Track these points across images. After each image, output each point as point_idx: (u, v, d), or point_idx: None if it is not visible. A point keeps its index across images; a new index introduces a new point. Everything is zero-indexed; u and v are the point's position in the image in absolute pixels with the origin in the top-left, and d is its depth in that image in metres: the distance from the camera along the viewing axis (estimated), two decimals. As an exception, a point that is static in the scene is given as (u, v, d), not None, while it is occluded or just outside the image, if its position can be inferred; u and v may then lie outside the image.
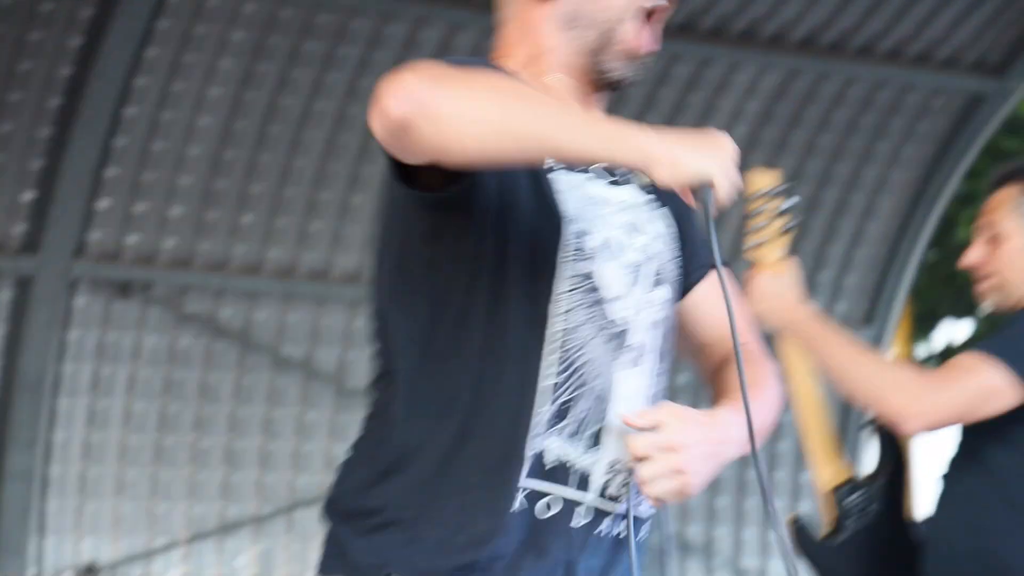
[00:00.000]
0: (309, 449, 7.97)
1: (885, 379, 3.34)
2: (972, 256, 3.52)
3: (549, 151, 2.04)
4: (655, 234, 2.25)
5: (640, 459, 2.08)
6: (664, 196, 2.32)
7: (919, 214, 8.64)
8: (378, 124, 2.03)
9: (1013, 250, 3.46)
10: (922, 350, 12.73)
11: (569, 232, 2.16)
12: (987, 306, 3.56)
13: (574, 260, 2.17)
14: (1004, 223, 3.49)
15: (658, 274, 2.24)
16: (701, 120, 8.18)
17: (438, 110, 1.99)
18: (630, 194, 2.26)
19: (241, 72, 7.37)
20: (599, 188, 2.23)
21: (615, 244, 2.19)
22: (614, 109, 7.80)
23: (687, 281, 2.33)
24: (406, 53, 7.59)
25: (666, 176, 2.03)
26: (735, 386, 2.18)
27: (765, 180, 3.22)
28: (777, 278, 3.43)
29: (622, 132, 2.04)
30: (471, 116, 2.00)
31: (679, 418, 2.09)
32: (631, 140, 2.03)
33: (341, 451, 2.30)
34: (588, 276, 2.17)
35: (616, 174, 2.26)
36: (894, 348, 11.83)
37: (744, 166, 8.02)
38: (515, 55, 2.28)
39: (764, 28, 8.03)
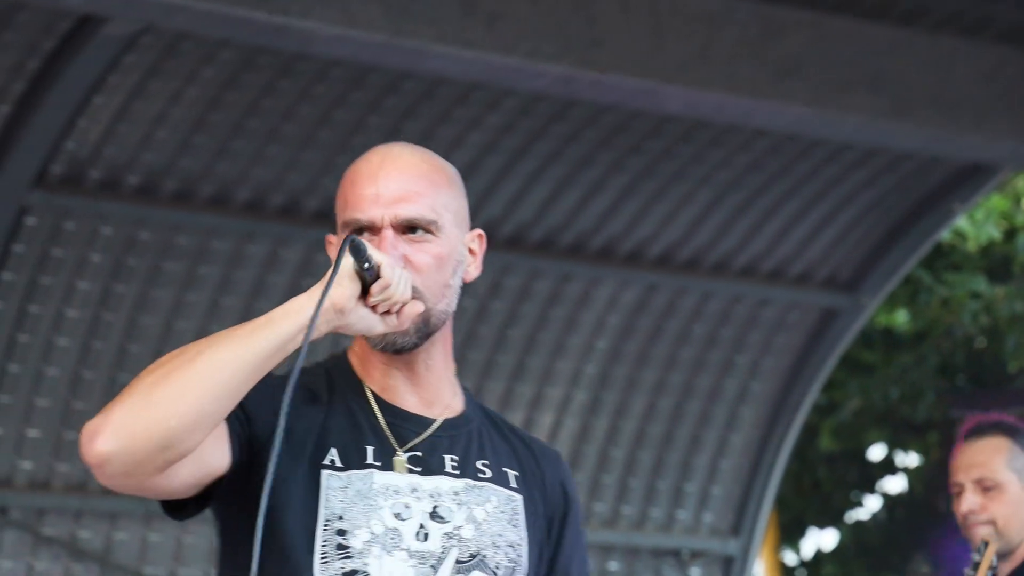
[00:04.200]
0: (169, 675, 7.80)
1: None
2: (967, 504, 3.78)
3: (228, 374, 2.15)
4: (466, 520, 2.27)
5: None
6: (528, 489, 2.34)
7: (780, 425, 8.75)
8: (100, 476, 2.15)
9: (1011, 499, 3.74)
10: (791, 558, 12.83)
11: (326, 532, 2.21)
12: (990, 550, 3.78)
13: (335, 559, 2.21)
14: (999, 473, 3.78)
15: (468, 559, 2.26)
16: (562, 334, 8.29)
17: (120, 423, 2.12)
18: (440, 483, 2.28)
19: (99, 293, 7.36)
20: (391, 478, 2.26)
21: (392, 536, 2.23)
22: (477, 328, 7.82)
23: None
24: (266, 271, 7.64)
25: (328, 313, 2.19)
26: None
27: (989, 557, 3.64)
28: None
29: (282, 307, 2.23)
30: (144, 404, 2.12)
31: None
32: (286, 307, 2.22)
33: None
34: (353, 573, 2.21)
35: (430, 464, 2.30)
36: (762, 557, 11.84)
37: (607, 376, 7.97)
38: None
39: (621, 245, 8.20)
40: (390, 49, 6.40)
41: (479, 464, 2.31)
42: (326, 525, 2.21)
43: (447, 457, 2.30)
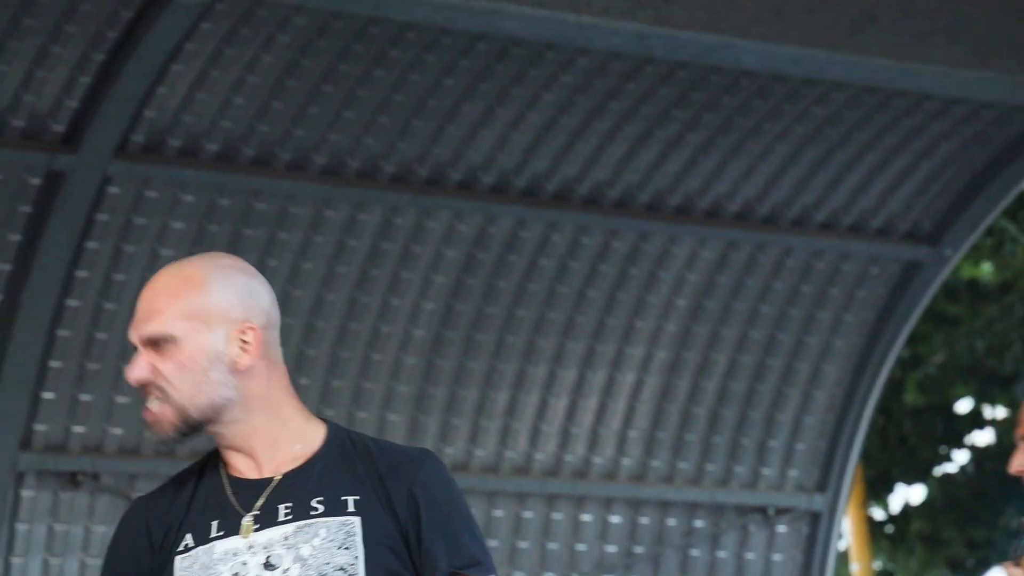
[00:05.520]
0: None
1: None
2: (1015, 464, 3.66)
3: None
4: (293, 561, 2.51)
5: None
6: (370, 510, 2.56)
7: (865, 380, 8.70)
8: None
9: None
10: (878, 514, 12.78)
11: None
12: None
13: None
14: None
15: None
16: (642, 292, 8.28)
17: None
18: (273, 533, 2.53)
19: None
20: (231, 543, 2.53)
21: None
22: (557, 288, 7.71)
23: None
24: (346, 235, 7.70)
25: None
26: None
27: None
28: None
29: None
30: None
31: None
32: None
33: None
34: None
35: (267, 518, 2.54)
36: (849, 513, 11.74)
37: (688, 334, 7.93)
38: None
39: (699, 202, 8.18)
40: (464, 11, 6.42)
41: (313, 502, 2.55)
42: None
43: (281, 507, 2.55)
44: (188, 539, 2.54)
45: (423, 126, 7.51)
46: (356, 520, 2.54)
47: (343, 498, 2.55)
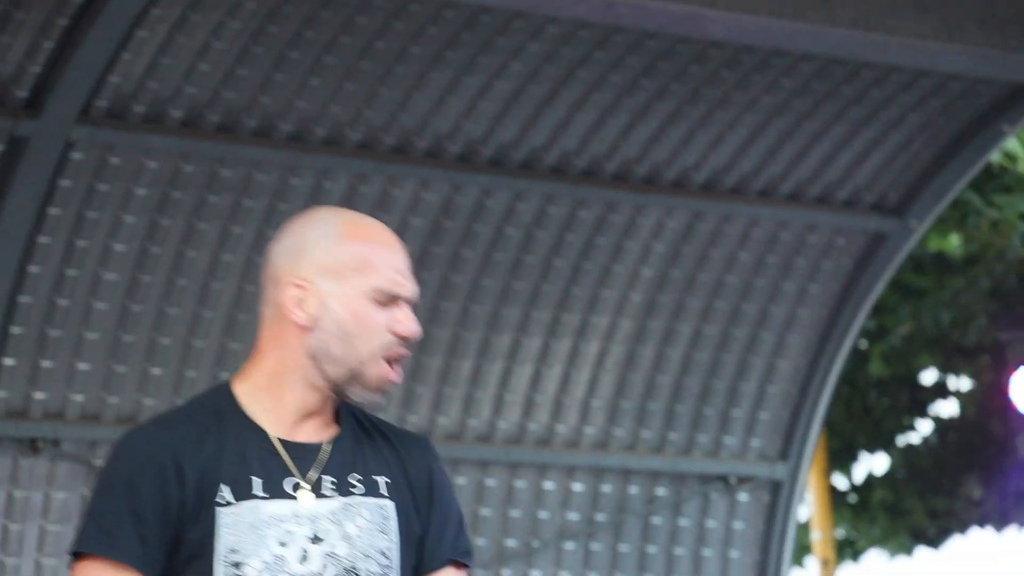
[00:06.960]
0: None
1: None
2: None
3: None
4: (340, 538, 2.47)
5: None
6: (398, 492, 2.55)
7: (828, 350, 8.73)
8: None
9: None
10: (841, 483, 12.85)
11: (221, 566, 2.43)
12: None
13: None
14: None
15: (344, 574, 2.47)
16: (608, 262, 8.28)
17: None
18: (319, 506, 2.49)
19: (146, 226, 7.41)
20: (276, 507, 2.47)
21: (278, 562, 2.44)
22: (523, 257, 7.77)
23: (420, 570, 2.56)
24: (312, 203, 7.65)
25: None
26: None
27: None
28: None
29: None
30: None
31: None
32: None
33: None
34: None
35: (314, 485, 2.50)
36: (812, 483, 11.86)
37: (653, 303, 7.95)
38: (261, 367, 2.52)
39: (666, 173, 8.17)
40: (431, -22, 6.37)
41: (351, 479, 2.52)
42: (224, 558, 2.45)
43: (326, 479, 2.51)
44: (226, 492, 2.46)
45: (390, 94, 7.47)
46: (389, 504, 2.53)
47: (375, 478, 2.53)
